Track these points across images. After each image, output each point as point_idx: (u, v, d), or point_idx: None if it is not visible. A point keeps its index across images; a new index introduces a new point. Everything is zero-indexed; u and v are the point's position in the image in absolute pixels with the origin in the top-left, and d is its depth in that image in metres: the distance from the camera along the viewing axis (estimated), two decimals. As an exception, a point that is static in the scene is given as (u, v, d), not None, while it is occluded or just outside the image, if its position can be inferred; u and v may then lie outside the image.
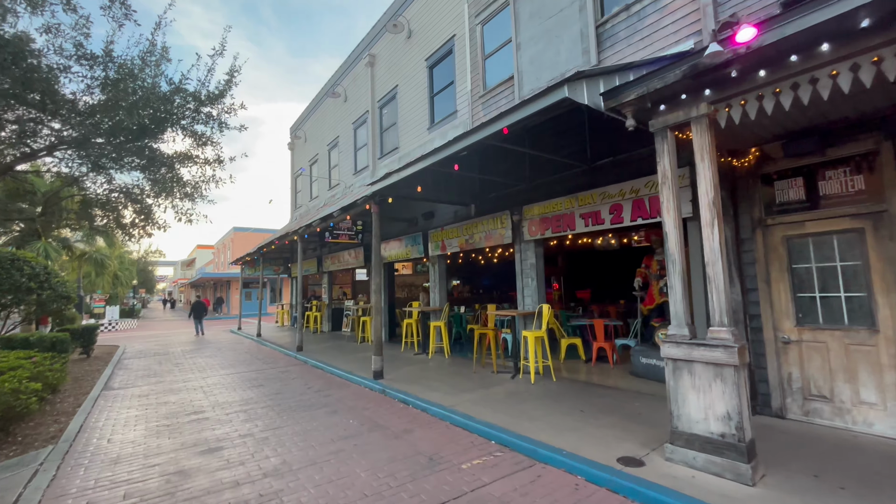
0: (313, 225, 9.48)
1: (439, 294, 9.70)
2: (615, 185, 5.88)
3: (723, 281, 3.33)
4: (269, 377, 8.07)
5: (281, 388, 7.06)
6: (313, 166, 17.99)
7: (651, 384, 6.00)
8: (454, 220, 9.15)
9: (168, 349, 12.91)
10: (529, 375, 6.66)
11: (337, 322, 15.83)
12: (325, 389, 6.91)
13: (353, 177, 14.23)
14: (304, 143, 18.87)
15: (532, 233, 7.12)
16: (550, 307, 6.54)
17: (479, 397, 5.70)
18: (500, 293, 19.11)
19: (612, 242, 16.33)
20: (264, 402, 6.18)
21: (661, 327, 6.24)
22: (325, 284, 16.17)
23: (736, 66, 3.13)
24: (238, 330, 17.78)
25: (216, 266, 42.25)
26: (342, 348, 11.00)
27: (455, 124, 9.33)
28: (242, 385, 7.44)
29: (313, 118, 17.86)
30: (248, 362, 9.92)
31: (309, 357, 9.79)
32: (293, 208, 20.45)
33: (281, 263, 19.72)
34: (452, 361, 8.39)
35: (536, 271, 7.21)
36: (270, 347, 12.43)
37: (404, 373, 7.54)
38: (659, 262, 6.54)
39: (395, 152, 11.81)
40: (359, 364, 8.55)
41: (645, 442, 3.94)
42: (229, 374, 8.46)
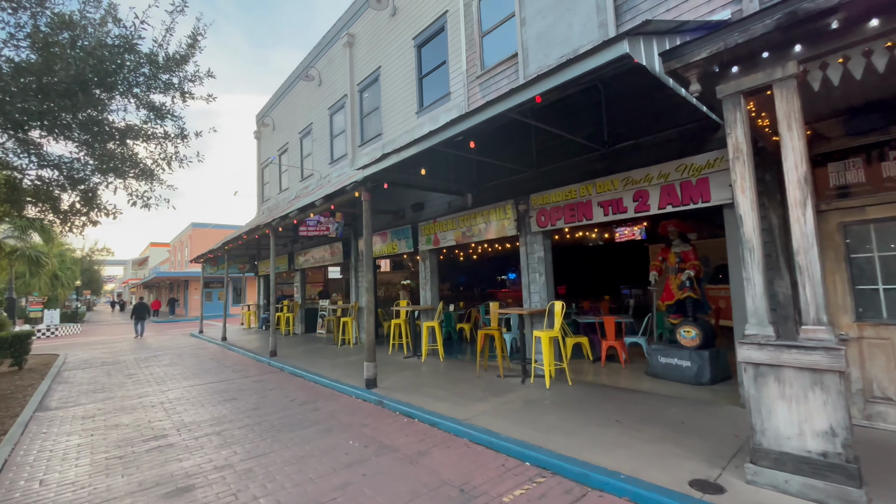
0: (290, 216, 8.49)
1: (431, 292, 8.97)
2: (640, 169, 5.37)
3: (818, 271, 2.82)
4: (243, 388, 7.08)
5: (259, 402, 6.11)
6: (283, 156, 16.73)
7: (674, 385, 5.56)
8: (448, 212, 8.44)
9: (119, 357, 11.45)
10: (542, 379, 6.07)
11: (311, 323, 14.75)
12: (311, 402, 6.04)
13: (328, 166, 13.21)
14: (273, 131, 17.54)
15: (541, 224, 6.53)
16: (563, 304, 5.98)
17: (494, 407, 5.04)
18: (481, 290, 18.60)
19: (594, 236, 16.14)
20: (241, 421, 5.25)
21: (681, 324, 5.81)
22: (298, 283, 15.03)
23: (843, 13, 2.61)
24: (199, 333, 16.30)
25: (172, 265, 39.46)
26: (321, 352, 10.05)
27: (448, 107, 8.61)
28: (211, 399, 6.42)
29: (283, 104, 16.59)
30: (214, 370, 8.80)
31: (285, 363, 8.81)
32: (260, 201, 19.05)
33: (247, 261, 18.30)
34: (449, 365, 7.69)
35: (545, 266, 6.63)
36: (239, 353, 11.26)
37: (399, 379, 6.77)
38: (677, 254, 6.11)
39: (377, 139, 10.94)
40: (345, 370, 7.70)
41: (709, 459, 3.40)
42: (194, 386, 7.38)
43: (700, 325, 5.66)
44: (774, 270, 4.33)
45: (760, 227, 3.13)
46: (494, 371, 6.83)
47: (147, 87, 5.56)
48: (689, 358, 5.63)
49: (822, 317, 2.79)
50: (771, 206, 4.37)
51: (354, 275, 11.48)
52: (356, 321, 11.03)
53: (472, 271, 21.47)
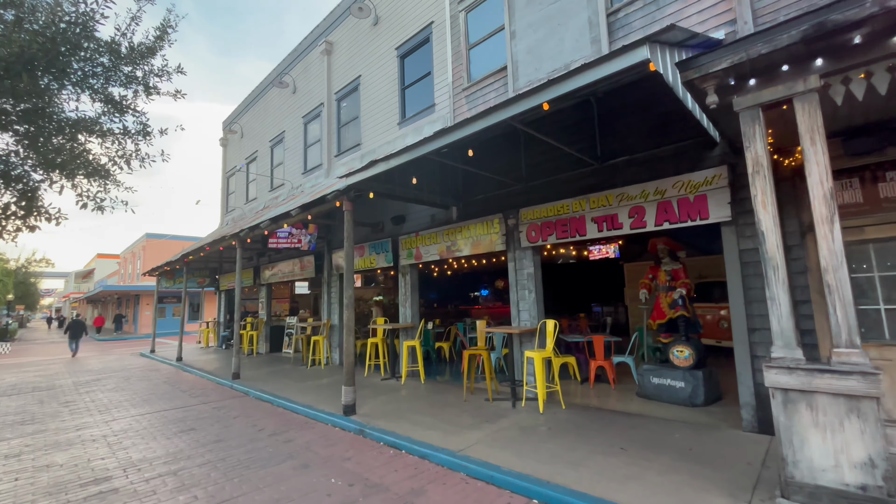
0: (261, 226, 7.90)
1: (411, 309, 8.54)
2: (636, 185, 5.28)
3: (849, 291, 2.69)
4: (202, 416, 6.33)
5: (221, 433, 5.44)
6: (251, 164, 15.95)
7: (668, 407, 5.40)
8: (432, 225, 8.12)
9: (54, 381, 10.19)
10: (534, 403, 5.76)
11: (276, 342, 13.86)
12: (283, 431, 5.43)
13: (301, 176, 12.63)
14: (241, 138, 16.75)
15: (532, 239, 6.33)
16: (557, 323, 5.75)
17: (489, 436, 4.66)
18: (455, 306, 18.27)
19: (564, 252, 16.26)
20: (201, 457, 4.59)
21: (674, 344, 5.70)
22: (264, 299, 14.15)
23: (868, 27, 2.56)
24: (151, 353, 14.96)
25: (122, 278, 36.75)
26: (290, 374, 9.33)
27: (433, 119, 8.38)
28: (165, 430, 5.67)
29: (253, 111, 15.91)
30: (168, 396, 7.92)
31: (250, 387, 8.06)
32: (224, 212, 18.04)
33: (207, 274, 17.15)
34: (431, 387, 7.25)
35: (535, 282, 6.41)
36: (197, 374, 10.30)
37: (379, 404, 6.27)
38: (667, 272, 6.05)
39: (355, 149, 10.55)
40: (318, 395, 7.09)
41: (731, 492, 3.18)
42: (145, 415, 6.54)
43: (693, 345, 5.57)
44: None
45: (784, 244, 3.01)
46: (481, 394, 6.46)
47: (106, 78, 4.96)
48: (682, 378, 5.50)
49: (855, 339, 2.66)
50: (770, 224, 4.33)
51: (327, 290, 10.87)
52: (328, 340, 10.39)
53: (444, 288, 21.16)
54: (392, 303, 20.10)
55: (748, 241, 4.53)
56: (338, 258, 10.47)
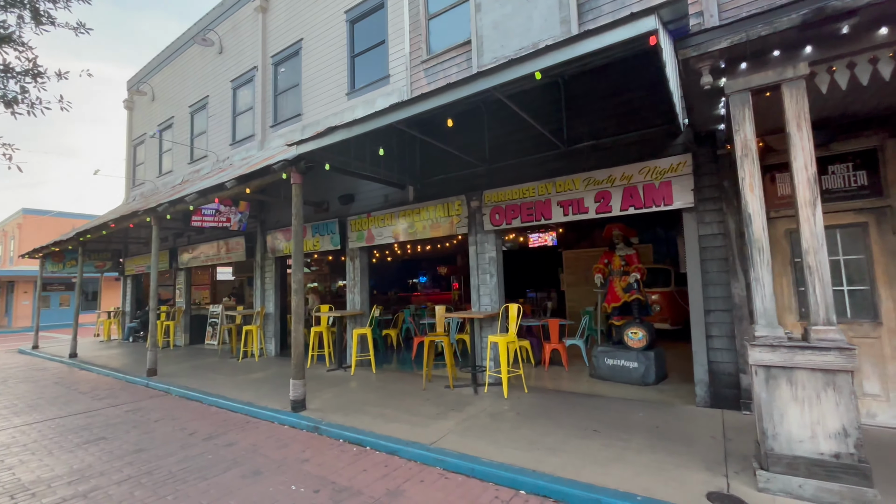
0: (185, 200, 6.82)
1: (361, 295, 8.01)
2: (603, 170, 5.30)
3: (828, 272, 2.83)
4: (112, 422, 5.34)
5: (142, 441, 4.59)
6: (166, 132, 13.97)
7: (623, 387, 5.60)
8: (386, 206, 7.62)
9: None
10: (497, 388, 5.65)
11: (197, 333, 12.41)
12: (220, 434, 4.74)
13: (229, 148, 11.28)
14: (152, 101, 14.57)
15: (496, 222, 6.15)
16: (520, 307, 5.66)
17: (458, 425, 4.44)
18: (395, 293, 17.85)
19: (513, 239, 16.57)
20: (118, 472, 3.80)
21: (628, 326, 5.91)
22: (182, 285, 12.57)
23: (858, 18, 2.66)
24: (34, 349, 12.63)
25: (-11, 261, 30.74)
26: (218, 368, 8.34)
27: (387, 91, 7.82)
28: (65, 441, 4.66)
29: (169, 71, 13.87)
30: (64, 399, 6.62)
31: (171, 384, 7.03)
32: (129, 186, 15.69)
33: (108, 257, 14.82)
34: (384, 377, 6.86)
35: (497, 266, 6.27)
36: (99, 373, 8.82)
37: (331, 398, 5.76)
38: (622, 257, 6.25)
39: (295, 120, 9.59)
40: (256, 390, 6.36)
41: (708, 467, 3.27)
42: (33, 424, 5.36)
43: (646, 327, 5.82)
44: (731, 273, 4.53)
45: (738, 229, 3.09)
46: (440, 381, 6.23)
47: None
48: (636, 359, 5.73)
49: (831, 317, 2.80)
50: (728, 211, 4.58)
51: (261, 275, 9.87)
52: (262, 330, 9.46)
53: (383, 275, 20.56)
54: (328, 290, 19.13)
55: (707, 227, 4.75)
56: (274, 240, 9.52)
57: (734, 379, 4.50)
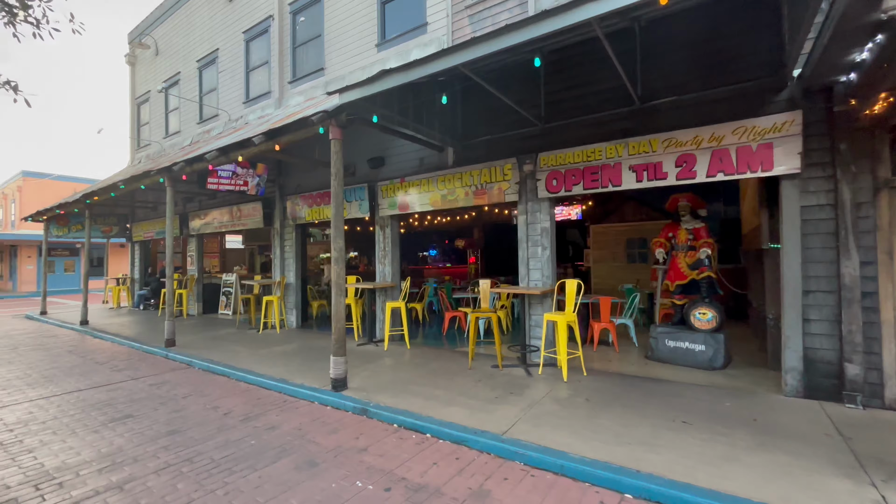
0: (206, 158, 6.19)
1: (392, 266, 7.48)
2: (687, 130, 4.65)
3: None
4: (137, 397, 4.92)
5: (174, 421, 4.17)
6: (172, 90, 13.11)
7: (689, 372, 5.15)
8: (421, 170, 6.98)
9: None
10: (553, 370, 5.22)
11: (211, 302, 12.00)
12: (259, 414, 4.31)
13: (242, 106, 10.50)
14: (156, 55, 13.62)
15: (553, 188, 5.54)
16: (580, 284, 5.14)
17: (524, 412, 4.00)
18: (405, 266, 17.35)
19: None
20: (155, 458, 3.37)
21: (695, 305, 5.41)
22: (194, 252, 12.05)
23: None
24: (42, 315, 12.26)
25: (-10, 224, 30.21)
26: (238, 340, 7.92)
27: (424, 41, 7.03)
28: (88, 420, 4.25)
29: (173, 22, 12.87)
30: (80, 370, 6.22)
31: (193, 356, 6.62)
32: (134, 147, 14.94)
33: (115, 222, 14.25)
34: (421, 353, 6.43)
35: (550, 238, 5.71)
36: (113, 341, 8.42)
37: (370, 376, 5.33)
38: (689, 231, 5.68)
39: (317, 75, 8.80)
40: (286, 365, 5.94)
41: (847, 473, 2.81)
42: (51, 398, 4.95)
43: (715, 307, 5.32)
44: (842, 250, 3.97)
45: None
46: (484, 361, 5.79)
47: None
48: (703, 342, 5.26)
49: None
50: (843, 178, 3.97)
51: (280, 243, 9.33)
52: (283, 301, 9.00)
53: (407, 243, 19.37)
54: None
55: (810, 196, 4.15)
56: (294, 206, 8.91)
57: (835, 368, 4.01)
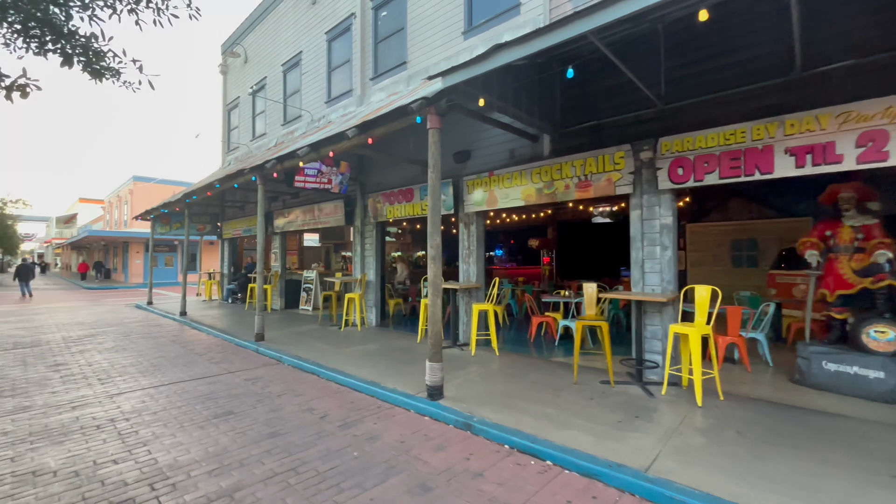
0: (298, 154, 6.17)
1: (476, 266, 7.06)
2: (872, 101, 3.69)
3: None
4: (235, 392, 4.93)
5: (272, 421, 4.04)
6: (257, 95, 13.80)
7: (861, 404, 4.12)
8: (511, 163, 6.48)
9: (39, 335, 8.68)
10: (677, 389, 4.46)
11: (292, 298, 12.41)
12: (355, 421, 4.06)
13: (324, 106, 10.68)
14: (245, 63, 14.44)
15: (678, 178, 4.77)
16: (716, 290, 4.33)
17: (662, 442, 3.33)
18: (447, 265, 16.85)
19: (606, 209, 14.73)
20: (260, 463, 3.20)
21: (865, 322, 4.35)
22: (277, 249, 12.54)
23: None
24: (148, 305, 13.45)
25: (108, 224, 34.52)
26: (321, 337, 7.94)
27: (517, 23, 6.52)
28: (193, 412, 4.26)
29: (261, 30, 13.53)
30: (183, 360, 6.49)
31: (281, 351, 6.66)
32: (225, 150, 15.99)
33: (208, 220, 15.34)
34: (511, 361, 5.92)
35: (672, 236, 4.93)
36: (208, 333, 8.87)
37: (463, 383, 4.92)
38: (855, 228, 4.61)
39: (399, 70, 8.63)
40: (374, 366, 5.72)
41: None
42: (160, 387, 5.12)
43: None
44: None
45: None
46: (590, 375, 5.15)
47: None
48: (882, 367, 4.20)
49: None
50: None
51: (360, 241, 9.29)
52: (364, 298, 8.94)
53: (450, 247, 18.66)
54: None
55: None
56: (375, 203, 8.81)
57: None
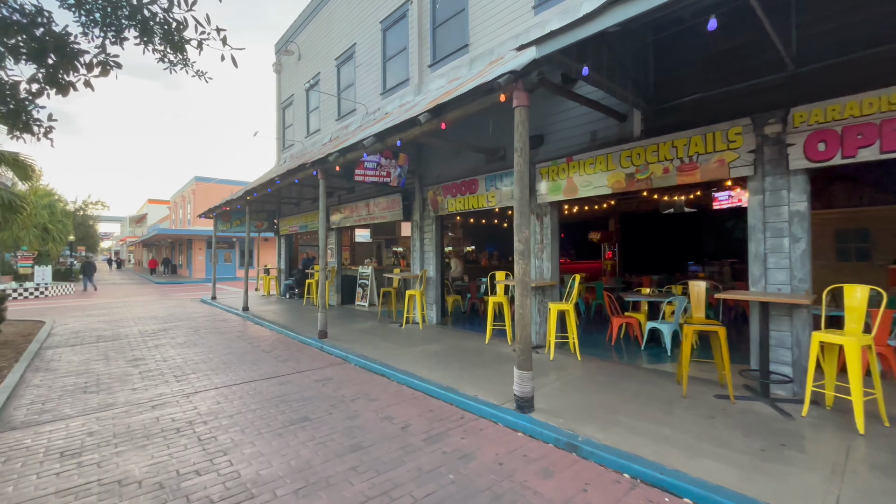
0: (363, 144, 5.86)
1: (551, 262, 6.48)
2: None
3: None
4: (307, 395, 4.71)
5: (352, 431, 3.73)
6: (310, 92, 13.84)
7: None
8: (593, 146, 5.83)
9: (118, 329, 9.08)
10: (820, 410, 3.71)
11: (348, 293, 12.38)
12: (439, 433, 3.67)
13: (380, 98, 10.41)
14: (298, 61, 14.53)
15: (816, 155, 3.96)
16: (882, 292, 3.52)
17: (834, 485, 2.66)
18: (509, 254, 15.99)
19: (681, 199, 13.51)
20: (348, 483, 2.87)
21: None
22: (334, 245, 12.53)
23: None
24: (212, 300, 13.95)
25: (173, 222, 36.86)
26: (383, 335, 7.69)
27: (599, -10, 5.82)
28: (269, 418, 4.05)
29: (313, 26, 13.53)
30: (251, 357, 6.43)
31: (346, 350, 6.44)
32: (280, 148, 16.27)
33: (265, 217, 15.70)
34: (597, 367, 5.33)
35: (805, 225, 4.12)
36: (271, 329, 8.90)
37: (550, 393, 4.40)
38: None
39: (460, 53, 8.14)
40: (445, 369, 5.33)
41: None
42: (232, 387, 5.00)
43: None
44: None
45: None
46: (700, 386, 4.47)
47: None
48: None
49: None
50: None
51: (419, 235, 8.96)
52: (424, 295, 8.61)
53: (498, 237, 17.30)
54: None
55: None
56: (436, 196, 8.43)
57: None
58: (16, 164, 9.90)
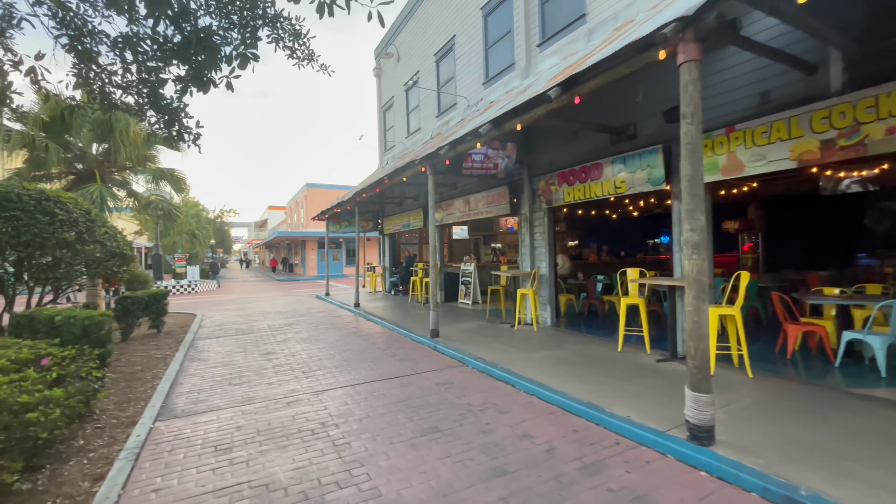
0: (480, 132, 5.44)
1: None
2: None
3: None
4: (432, 400, 4.43)
5: (487, 448, 3.32)
6: (410, 91, 13.97)
7: None
8: (764, 111, 4.67)
9: (252, 323, 10.00)
10: None
11: (450, 291, 12.23)
12: (596, 463, 3.06)
13: (482, 88, 9.99)
14: (397, 62, 14.80)
15: None
16: None
17: None
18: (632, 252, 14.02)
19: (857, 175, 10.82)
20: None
21: None
22: (437, 242, 12.46)
23: None
24: (326, 296, 14.90)
25: (289, 226, 41.03)
26: (495, 335, 7.24)
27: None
28: (398, 425, 3.82)
29: (410, 26, 13.63)
30: (369, 355, 6.45)
31: (462, 352, 6.10)
32: (382, 150, 16.80)
33: (370, 218, 16.36)
34: (780, 388, 4.23)
35: None
36: (383, 326, 9.03)
37: (726, 419, 3.50)
38: None
39: (576, 26, 7.32)
40: (580, 380, 4.67)
41: None
42: (357, 387, 4.96)
43: None
44: None
45: None
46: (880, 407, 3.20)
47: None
48: None
49: None
50: None
51: (529, 230, 8.35)
52: (538, 295, 7.99)
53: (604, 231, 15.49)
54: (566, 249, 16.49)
55: None
56: (548, 186, 7.73)
57: None
58: (172, 179, 11.50)
